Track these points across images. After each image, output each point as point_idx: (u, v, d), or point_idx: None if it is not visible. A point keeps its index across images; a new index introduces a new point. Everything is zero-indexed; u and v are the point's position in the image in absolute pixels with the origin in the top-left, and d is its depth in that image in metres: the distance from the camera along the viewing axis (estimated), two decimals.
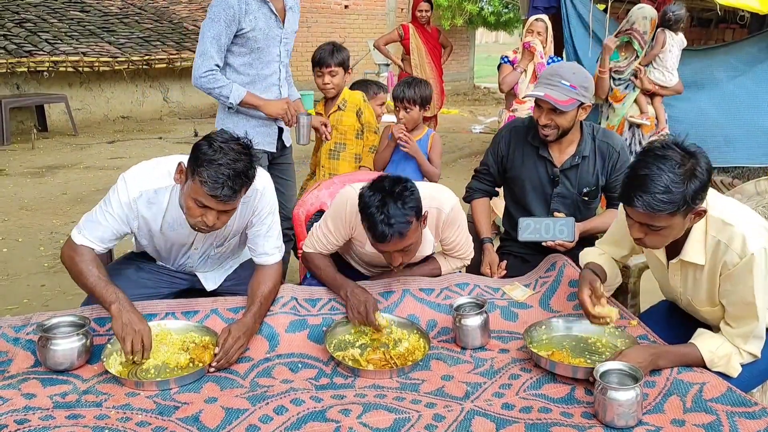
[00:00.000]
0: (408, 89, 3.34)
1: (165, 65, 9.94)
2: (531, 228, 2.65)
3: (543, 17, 4.92)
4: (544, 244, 2.64)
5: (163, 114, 10.55)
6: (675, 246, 1.99)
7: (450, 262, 2.61)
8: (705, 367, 1.93)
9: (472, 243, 2.62)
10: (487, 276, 2.65)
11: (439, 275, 2.56)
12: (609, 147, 2.71)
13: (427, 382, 1.98)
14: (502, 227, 3.10)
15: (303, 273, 2.82)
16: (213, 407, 1.82)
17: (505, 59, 4.89)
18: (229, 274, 2.59)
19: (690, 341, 1.98)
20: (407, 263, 2.33)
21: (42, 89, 9.24)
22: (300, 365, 2.09)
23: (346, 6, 13.12)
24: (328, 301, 2.38)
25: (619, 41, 4.71)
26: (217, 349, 2.03)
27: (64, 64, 8.98)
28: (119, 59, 9.50)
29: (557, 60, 4.95)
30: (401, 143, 3.31)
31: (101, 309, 2.18)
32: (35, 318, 2.14)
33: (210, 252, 2.43)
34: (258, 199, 2.28)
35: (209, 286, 2.54)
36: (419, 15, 6.55)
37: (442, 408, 1.84)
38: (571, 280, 2.47)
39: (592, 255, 2.32)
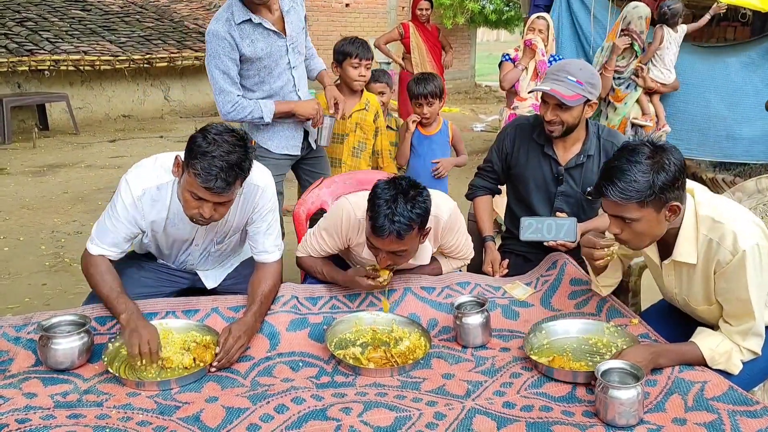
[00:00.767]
0: (428, 84, 3.52)
1: (166, 64, 9.93)
2: (533, 227, 2.64)
3: (544, 15, 4.91)
4: (545, 243, 2.63)
5: (165, 113, 10.55)
6: (667, 247, 2.00)
7: (450, 261, 2.61)
8: (706, 365, 1.93)
9: (471, 243, 2.62)
10: (489, 275, 2.65)
11: (440, 275, 2.56)
12: (614, 146, 2.69)
13: (428, 380, 1.98)
14: (503, 226, 3.10)
15: (304, 273, 2.81)
16: (214, 406, 1.82)
17: (507, 57, 4.89)
18: (230, 272, 2.59)
19: (690, 339, 1.99)
20: (396, 267, 2.32)
21: (43, 88, 9.24)
22: (301, 364, 2.09)
23: (347, 4, 13.10)
24: (329, 300, 2.38)
25: (629, 41, 4.68)
26: (218, 349, 2.03)
27: (65, 62, 8.99)
28: (120, 58, 9.50)
29: (559, 58, 4.94)
30: (438, 173, 3.66)
31: (102, 308, 2.19)
32: (36, 317, 2.14)
33: (210, 249, 2.43)
34: (259, 196, 2.28)
35: (209, 284, 2.54)
36: (419, 13, 6.55)
37: (443, 406, 1.84)
38: (573, 278, 2.46)
39: None
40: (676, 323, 2.22)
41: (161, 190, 2.18)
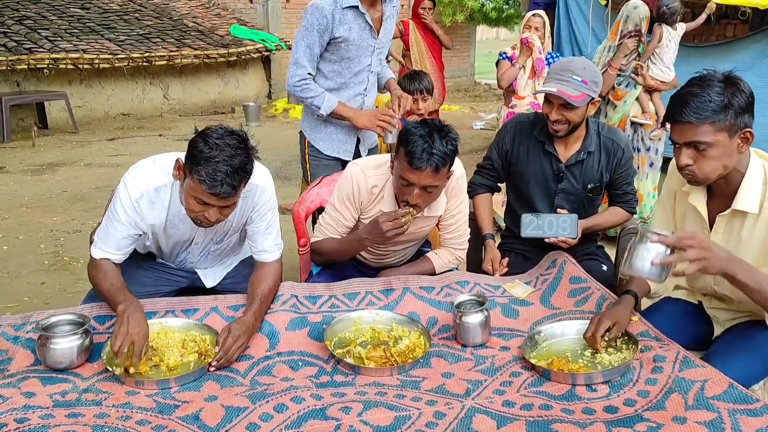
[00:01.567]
0: (422, 80, 3.74)
1: (165, 62, 9.93)
2: (534, 224, 2.64)
3: (540, 13, 4.90)
4: (546, 240, 2.63)
5: (164, 111, 10.55)
6: (723, 200, 1.97)
7: (442, 256, 2.61)
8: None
9: (468, 233, 2.63)
10: (489, 273, 2.65)
11: (433, 275, 2.56)
12: (614, 143, 2.71)
13: (428, 379, 1.98)
14: (503, 224, 3.09)
15: (305, 272, 2.81)
16: (213, 405, 1.82)
17: (504, 55, 4.88)
18: (229, 271, 2.59)
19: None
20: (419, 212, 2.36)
21: (42, 86, 9.23)
22: (300, 363, 2.09)
23: None
24: (328, 299, 2.37)
25: (637, 43, 4.67)
26: (218, 348, 2.03)
27: (64, 61, 8.98)
28: (119, 56, 9.49)
29: (556, 56, 4.94)
30: None
31: (101, 307, 2.19)
32: (35, 316, 2.13)
33: (210, 248, 2.43)
34: (258, 195, 2.28)
35: (209, 283, 2.54)
36: (422, 13, 6.51)
37: (442, 405, 1.84)
38: (572, 276, 2.46)
39: None
40: (676, 323, 2.22)
41: (159, 192, 2.18)
